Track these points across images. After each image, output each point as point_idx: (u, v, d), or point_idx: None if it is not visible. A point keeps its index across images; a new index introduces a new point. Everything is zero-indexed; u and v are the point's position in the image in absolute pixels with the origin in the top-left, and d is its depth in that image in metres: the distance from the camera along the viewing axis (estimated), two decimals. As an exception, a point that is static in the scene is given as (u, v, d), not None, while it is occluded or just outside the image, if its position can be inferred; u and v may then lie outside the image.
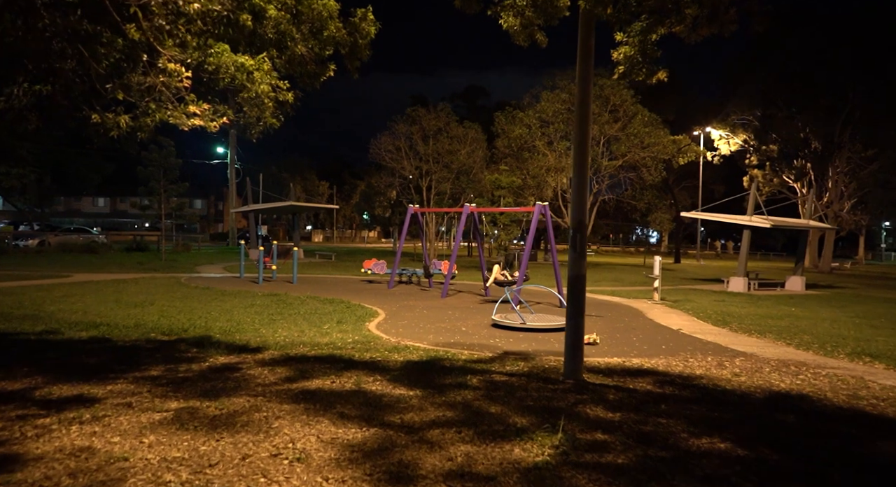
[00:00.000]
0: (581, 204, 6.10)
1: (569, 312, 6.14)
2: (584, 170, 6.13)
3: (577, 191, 6.11)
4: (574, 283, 6.08)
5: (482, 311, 11.74)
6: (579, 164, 6.12)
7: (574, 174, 6.18)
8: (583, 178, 6.13)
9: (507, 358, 7.14)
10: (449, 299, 13.99)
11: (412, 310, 11.61)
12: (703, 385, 6.06)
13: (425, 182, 29.15)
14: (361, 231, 78.33)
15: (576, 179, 6.15)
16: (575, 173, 6.16)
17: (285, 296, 13.14)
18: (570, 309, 6.11)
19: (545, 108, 25.77)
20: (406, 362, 6.75)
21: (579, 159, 6.13)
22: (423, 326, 9.63)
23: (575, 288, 6.08)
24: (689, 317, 11.90)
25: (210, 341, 7.57)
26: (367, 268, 17.80)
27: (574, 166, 6.16)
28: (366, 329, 9.16)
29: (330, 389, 5.45)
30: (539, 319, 9.82)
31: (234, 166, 36.51)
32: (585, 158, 6.14)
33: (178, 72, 4.37)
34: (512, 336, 8.90)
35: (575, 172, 6.16)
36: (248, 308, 11.05)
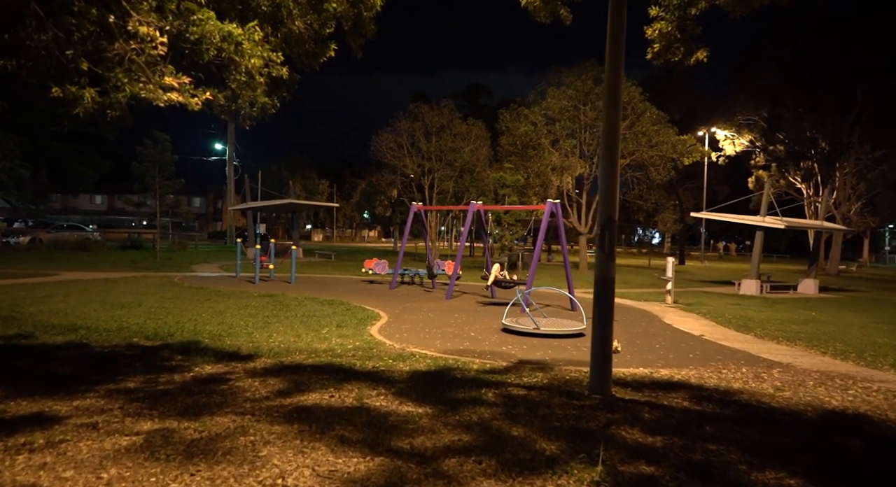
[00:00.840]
0: (610, 198, 5.46)
1: (595, 320, 5.50)
2: (614, 160, 5.50)
3: (606, 184, 5.47)
4: (602, 287, 5.44)
5: (490, 314, 11.10)
6: (609, 154, 5.49)
7: (602, 165, 5.54)
8: (612, 169, 5.49)
9: (523, 368, 6.50)
10: (454, 301, 13.35)
11: (416, 313, 10.98)
12: (744, 401, 5.42)
13: (427, 180, 28.51)
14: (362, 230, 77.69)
15: (604, 171, 5.51)
16: (603, 164, 5.53)
17: (282, 297, 12.50)
18: (598, 317, 5.47)
19: (551, 105, 25.12)
20: (413, 372, 6.12)
21: (609, 149, 5.49)
22: (429, 330, 8.99)
23: (603, 292, 5.44)
24: (708, 322, 11.26)
25: (197, 347, 6.92)
26: (367, 268, 17.16)
27: (602, 156, 5.53)
28: (367, 333, 8.53)
29: (328, 405, 4.81)
30: (553, 324, 9.18)
31: (233, 163, 35.87)
32: (615, 148, 5.50)
33: (152, 37, 3.73)
34: (525, 342, 8.26)
35: (603, 163, 5.53)
36: (242, 309, 10.41)
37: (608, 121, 5.46)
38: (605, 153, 5.51)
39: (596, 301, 5.50)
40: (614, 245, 5.43)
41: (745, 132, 43.06)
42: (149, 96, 3.90)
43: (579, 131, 25.43)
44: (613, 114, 5.42)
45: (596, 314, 5.49)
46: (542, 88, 27.45)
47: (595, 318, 5.51)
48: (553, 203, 12.05)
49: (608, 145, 5.49)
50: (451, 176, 28.06)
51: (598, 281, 5.45)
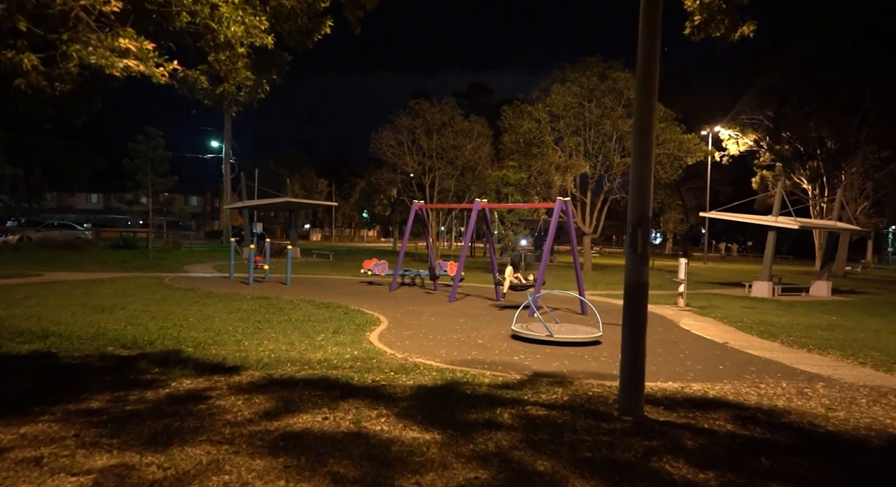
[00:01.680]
0: (643, 192, 4.80)
1: (626, 330, 4.84)
2: (648, 149, 4.84)
3: (639, 176, 4.82)
4: (634, 294, 4.78)
5: (497, 319, 10.44)
6: (641, 142, 4.83)
7: (635, 155, 4.89)
8: (645, 160, 4.83)
9: (540, 383, 5.84)
10: (457, 304, 12.69)
11: (418, 317, 10.31)
12: (795, 423, 4.76)
13: (428, 179, 27.84)
14: (361, 230, 76.97)
15: (637, 161, 4.85)
16: (636, 154, 4.87)
17: (276, 300, 11.83)
18: (629, 327, 4.81)
19: (556, 102, 24.44)
20: (417, 387, 5.46)
21: (642, 136, 4.83)
22: (433, 337, 8.33)
23: (635, 299, 4.78)
24: (728, 327, 10.61)
25: (178, 357, 6.26)
26: (367, 269, 16.50)
27: (635, 146, 4.87)
28: (366, 340, 7.86)
29: (321, 431, 4.15)
30: (566, 330, 8.52)
31: (230, 161, 35.19)
32: (649, 135, 4.85)
33: (104, -12, 3.09)
34: (537, 350, 7.60)
35: (636, 153, 4.87)
36: (233, 313, 9.74)
37: (641, 102, 4.81)
38: (638, 141, 4.85)
39: (627, 309, 4.84)
40: (648, 245, 4.77)
41: (750, 131, 42.46)
42: (100, 62, 3.23)
43: (584, 129, 24.78)
44: (647, 93, 4.77)
45: (626, 323, 4.83)
46: (545, 85, 26.80)
47: (625, 328, 4.85)
48: (563, 201, 11.39)
49: (641, 132, 4.83)
50: (452, 174, 27.38)
51: (629, 286, 4.79)
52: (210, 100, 5.98)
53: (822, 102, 33.94)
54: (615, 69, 24.89)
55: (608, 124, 24.21)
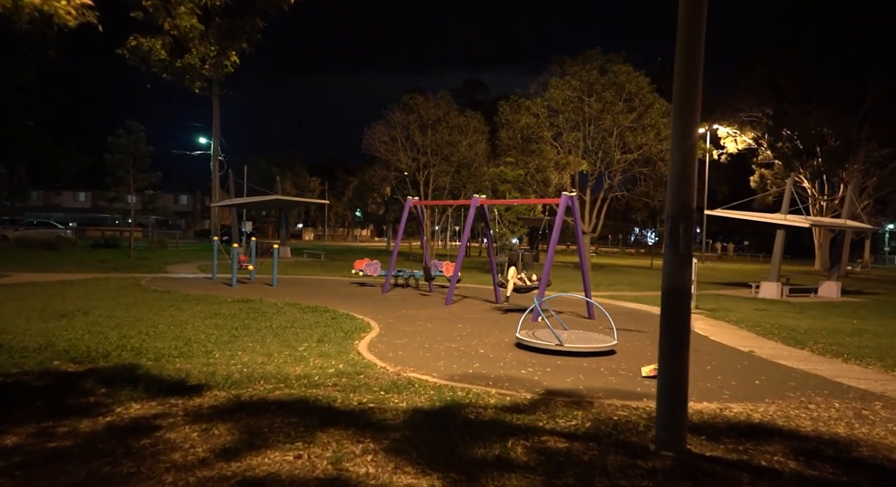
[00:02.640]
0: (685, 178, 3.97)
1: (664, 346, 4.00)
2: (691, 126, 4.02)
3: (681, 160, 3.99)
4: (673, 302, 3.94)
5: (499, 324, 9.60)
6: (684, 118, 4.00)
7: (675, 135, 4.06)
8: (688, 140, 4.01)
9: (555, 404, 5.00)
10: (455, 307, 11.85)
11: (413, 322, 9.46)
12: (870, 460, 3.94)
13: (423, 176, 26.97)
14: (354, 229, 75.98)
15: (678, 142, 4.02)
16: (677, 134, 4.04)
17: (259, 303, 10.95)
18: (668, 342, 3.97)
19: (554, 96, 23.64)
20: (412, 411, 4.61)
21: (684, 110, 4.00)
22: (429, 346, 7.48)
23: (675, 309, 3.94)
24: (747, 333, 9.82)
25: (133, 374, 5.38)
26: (358, 269, 15.62)
27: (677, 118, 4.04)
28: (354, 351, 7.00)
29: (290, 475, 3.30)
30: (577, 338, 7.69)
31: (218, 158, 34.11)
32: (692, 107, 4.02)
33: None
34: (547, 362, 6.76)
35: (677, 133, 4.04)
36: (208, 319, 8.85)
37: (684, 64, 3.96)
38: (679, 117, 4.02)
39: (666, 320, 3.99)
40: (691, 242, 3.93)
41: (748, 129, 41.88)
42: None
43: (583, 124, 23.98)
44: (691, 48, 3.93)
45: (665, 338, 3.99)
46: (544, 79, 26.00)
47: (663, 344, 4.01)
48: (569, 196, 10.56)
49: (683, 104, 4.00)
50: (447, 171, 26.52)
51: (668, 292, 3.95)
52: (170, 74, 5.11)
53: (823, 99, 33.31)
54: (616, 62, 24.12)
55: (609, 119, 23.43)
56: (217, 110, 34.24)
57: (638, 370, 6.43)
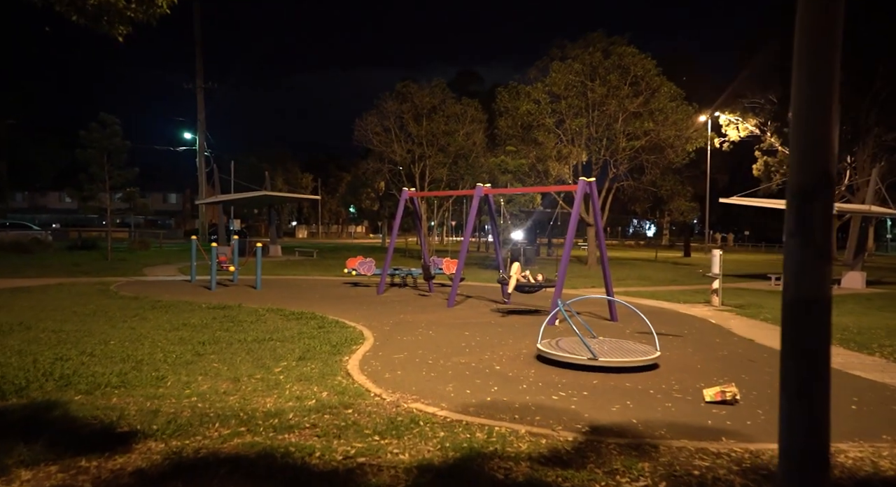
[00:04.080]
0: (823, 138, 2.67)
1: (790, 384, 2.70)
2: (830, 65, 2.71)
3: (815, 115, 2.68)
4: (802, 315, 2.62)
5: (512, 330, 8.33)
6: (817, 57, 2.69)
7: (802, 75, 2.75)
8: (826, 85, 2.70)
9: (607, 449, 3.74)
10: (458, 309, 10.57)
11: (412, 330, 8.19)
12: None
13: (418, 168, 25.63)
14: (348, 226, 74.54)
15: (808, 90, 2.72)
16: (804, 82, 2.73)
17: (237, 310, 9.65)
18: (795, 378, 2.67)
19: (556, 81, 22.30)
20: (416, 469, 3.33)
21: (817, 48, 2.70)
22: (434, 362, 6.20)
23: (805, 326, 2.63)
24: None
25: (47, 416, 4.09)
26: (351, 268, 14.33)
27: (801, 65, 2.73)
28: (342, 370, 5.72)
29: None
30: (610, 349, 6.42)
31: (204, 153, 32.70)
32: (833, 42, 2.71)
33: None
34: (580, 381, 5.50)
35: (804, 80, 2.73)
36: (173, 331, 7.55)
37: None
38: (809, 56, 2.71)
39: (790, 345, 2.69)
40: (830, 230, 2.65)
41: (751, 116, 40.78)
42: None
43: (587, 110, 22.68)
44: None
45: (791, 370, 2.69)
46: (543, 64, 24.65)
47: (790, 379, 2.71)
48: (587, 182, 9.29)
49: (817, 38, 2.69)
50: (444, 162, 25.18)
51: (793, 303, 2.65)
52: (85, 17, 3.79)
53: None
54: (618, 44, 22.82)
55: (614, 104, 22.14)
56: (202, 104, 32.84)
57: (695, 390, 5.18)
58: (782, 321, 2.61)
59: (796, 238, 2.56)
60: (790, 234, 2.63)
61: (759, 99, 39.56)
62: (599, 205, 21.69)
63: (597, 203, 9.45)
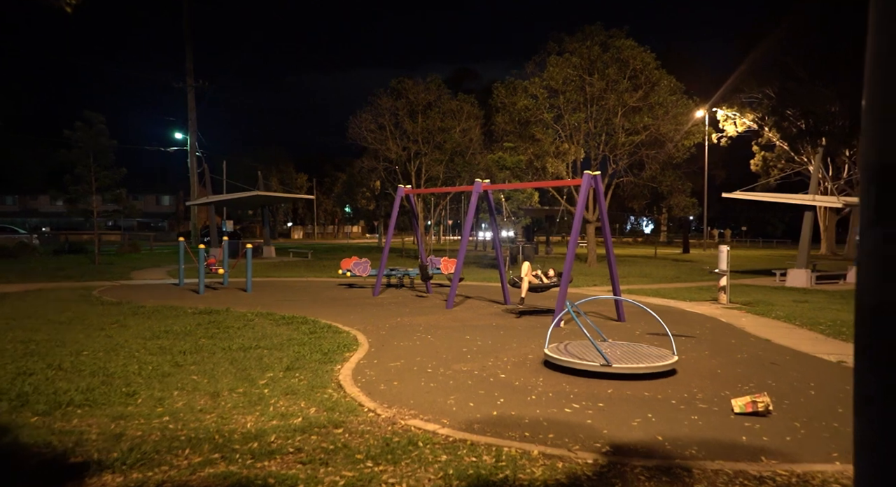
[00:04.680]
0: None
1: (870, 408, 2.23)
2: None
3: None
4: (885, 324, 2.16)
5: (516, 333, 7.86)
6: None
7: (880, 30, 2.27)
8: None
9: (634, 475, 3.26)
10: (458, 310, 10.09)
11: (410, 334, 7.70)
12: None
13: (414, 165, 25.11)
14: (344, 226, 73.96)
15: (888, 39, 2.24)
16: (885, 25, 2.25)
17: (224, 315, 9.15)
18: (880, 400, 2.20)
19: (554, 75, 21.83)
20: (416, 506, 2.85)
21: None
22: (433, 370, 5.72)
23: (889, 336, 2.16)
24: (813, 334, 8.15)
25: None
26: (345, 269, 13.83)
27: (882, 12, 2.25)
28: (334, 382, 5.24)
29: None
30: (623, 352, 5.95)
31: (196, 154, 32.09)
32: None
33: None
34: (593, 390, 5.02)
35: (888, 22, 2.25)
36: (153, 340, 7.04)
37: None
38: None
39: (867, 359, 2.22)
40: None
41: (748, 111, 40.47)
42: None
43: (586, 105, 22.22)
44: None
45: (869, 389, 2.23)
46: (540, 59, 24.17)
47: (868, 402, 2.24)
48: (592, 175, 8.81)
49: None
50: (440, 160, 24.67)
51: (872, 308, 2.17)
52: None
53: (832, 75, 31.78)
54: (617, 38, 22.36)
55: (613, 98, 21.68)
56: (192, 103, 32.22)
57: (721, 400, 4.71)
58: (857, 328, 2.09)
59: (877, 229, 2.02)
60: (869, 225, 2.08)
61: (756, 94, 39.24)
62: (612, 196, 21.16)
63: (602, 197, 8.96)
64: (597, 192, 8.89)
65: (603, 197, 9.02)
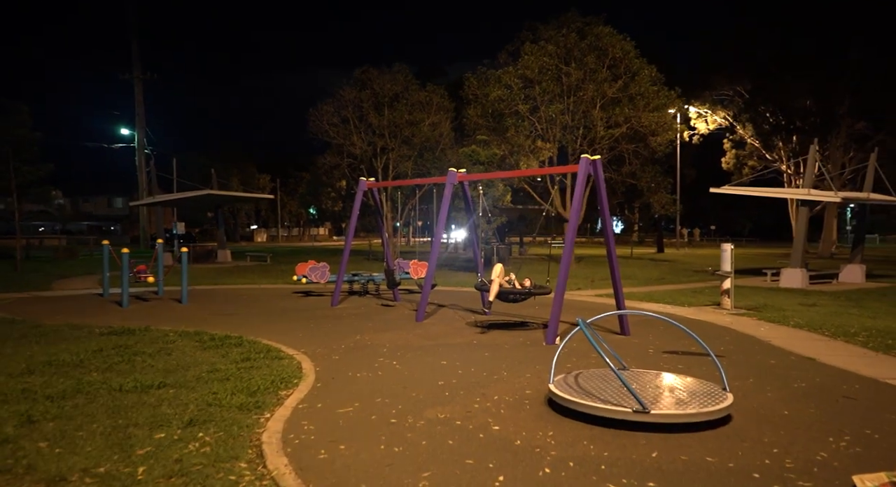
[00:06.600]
0: None
1: None
2: None
3: None
4: None
5: (502, 354, 6.27)
6: None
7: None
8: None
9: None
10: (430, 324, 8.47)
11: (370, 359, 6.05)
12: None
13: (381, 161, 23.40)
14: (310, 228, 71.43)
15: None
16: None
17: (140, 335, 7.34)
18: None
19: (529, 63, 20.40)
20: None
21: None
22: (399, 422, 4.08)
23: None
24: (858, 349, 6.82)
25: None
26: (300, 275, 12.09)
27: None
28: (251, 449, 3.55)
29: None
30: (655, 389, 4.41)
31: (144, 151, 29.70)
32: None
33: None
34: (628, 453, 3.47)
35: None
36: (20, 378, 5.22)
37: None
38: None
39: None
40: None
41: (719, 108, 40.02)
42: None
43: (563, 95, 20.87)
44: None
45: None
46: (514, 48, 22.77)
47: None
48: (591, 160, 7.32)
49: None
50: (409, 155, 23.01)
51: None
52: None
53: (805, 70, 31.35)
54: (595, 25, 21.10)
55: (591, 89, 20.37)
56: (140, 96, 29.82)
57: (824, 468, 3.21)
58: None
59: None
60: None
61: (727, 91, 38.83)
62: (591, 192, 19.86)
63: (602, 186, 7.47)
64: (597, 181, 7.38)
65: (603, 187, 7.51)
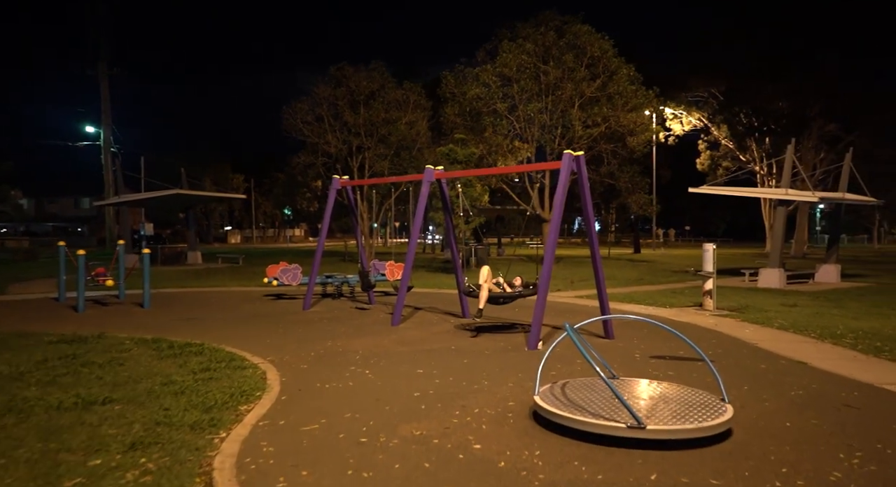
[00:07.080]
0: None
1: None
2: None
3: None
4: None
5: (482, 361, 5.90)
6: None
7: None
8: None
9: None
10: (406, 328, 8.07)
11: (342, 368, 5.63)
12: None
13: (356, 161, 22.90)
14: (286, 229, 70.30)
15: None
16: None
17: (94, 343, 6.80)
18: None
19: (507, 61, 20.14)
20: None
21: None
22: (369, 441, 3.68)
23: None
24: (847, 351, 6.62)
25: None
26: (271, 277, 11.58)
27: None
28: (199, 479, 3.12)
29: None
30: (650, 400, 4.09)
31: (111, 150, 28.69)
32: None
33: None
34: (623, 475, 3.13)
35: None
36: (-52, 394, 4.68)
37: None
38: None
39: None
40: None
41: (694, 110, 40.43)
42: None
43: (541, 94, 20.65)
44: None
45: None
46: (492, 46, 22.50)
47: None
48: (574, 156, 7.02)
49: None
50: (385, 154, 22.56)
51: None
52: None
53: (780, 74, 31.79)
54: (574, 23, 20.95)
55: (570, 88, 20.20)
56: (106, 92, 28.82)
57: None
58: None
59: None
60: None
61: (702, 93, 39.24)
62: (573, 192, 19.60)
63: (586, 184, 7.17)
64: (580, 178, 7.07)
65: (587, 185, 7.21)
